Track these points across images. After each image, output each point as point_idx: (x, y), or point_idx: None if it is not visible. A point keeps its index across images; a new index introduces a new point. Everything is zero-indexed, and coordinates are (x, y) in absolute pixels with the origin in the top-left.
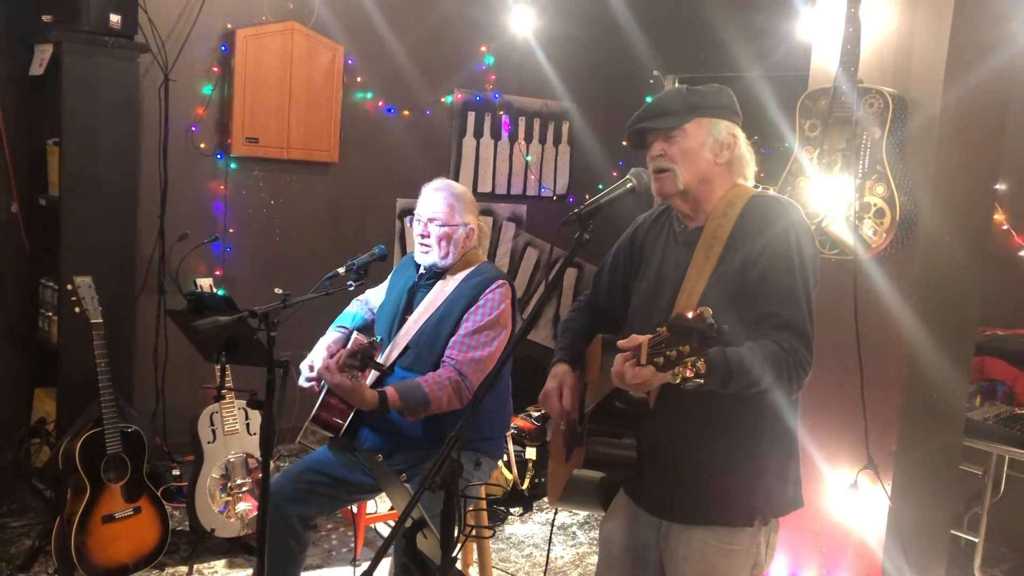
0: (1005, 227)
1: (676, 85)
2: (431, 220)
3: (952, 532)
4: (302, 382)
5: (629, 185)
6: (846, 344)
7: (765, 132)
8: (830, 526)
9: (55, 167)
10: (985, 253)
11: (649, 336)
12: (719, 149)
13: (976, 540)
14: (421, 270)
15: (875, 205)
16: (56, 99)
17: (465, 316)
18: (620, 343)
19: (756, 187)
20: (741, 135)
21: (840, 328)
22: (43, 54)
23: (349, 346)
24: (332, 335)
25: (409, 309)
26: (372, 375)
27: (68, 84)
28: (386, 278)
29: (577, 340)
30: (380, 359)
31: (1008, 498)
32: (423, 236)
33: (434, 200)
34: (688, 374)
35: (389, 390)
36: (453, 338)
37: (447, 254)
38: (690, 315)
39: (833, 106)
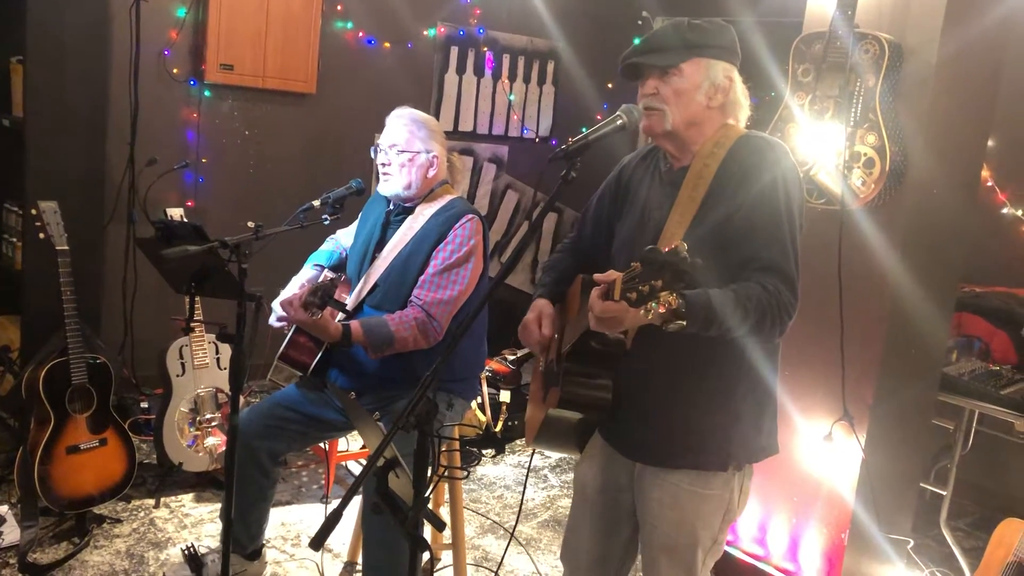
0: (989, 183)
1: (677, 19)
2: (391, 146)
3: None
4: (273, 321)
5: (619, 122)
6: (828, 295)
7: (754, 80)
8: (802, 476)
9: (19, 86)
10: (972, 208)
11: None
12: (713, 92)
13: (943, 493)
14: (390, 206)
15: (865, 154)
16: (20, 14)
17: (434, 253)
18: (596, 276)
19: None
20: (737, 78)
21: (822, 279)
22: None
23: (319, 281)
24: (307, 272)
25: (379, 246)
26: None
27: None
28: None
29: (560, 280)
30: (349, 298)
31: (975, 453)
32: (384, 165)
33: (394, 126)
34: (661, 310)
35: (354, 324)
36: (422, 277)
37: (409, 184)
38: (664, 249)
39: (828, 51)
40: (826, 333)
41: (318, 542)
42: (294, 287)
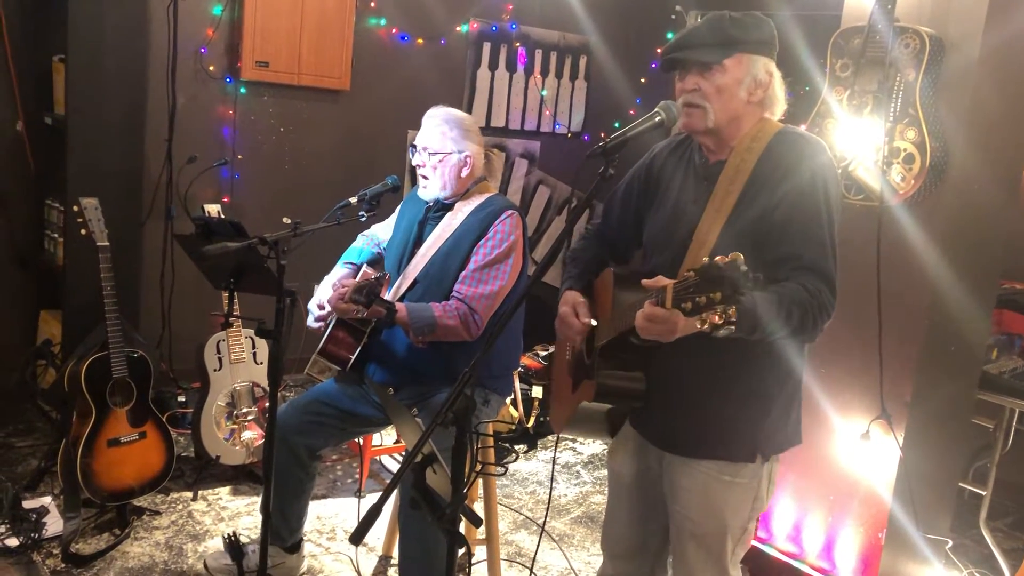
0: None
1: (717, 13)
2: (424, 148)
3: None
4: (311, 323)
5: (657, 119)
6: (866, 292)
7: (789, 74)
8: (839, 474)
9: (61, 85)
10: (1014, 204)
11: (675, 280)
12: (754, 87)
13: (982, 493)
14: (429, 203)
15: (905, 150)
16: (62, 14)
17: (475, 249)
18: (644, 282)
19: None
20: (777, 73)
21: (861, 275)
22: None
23: (358, 278)
24: (339, 271)
25: (418, 243)
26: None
27: None
28: (395, 211)
29: (587, 270)
30: (387, 294)
31: (1015, 452)
32: (420, 166)
33: (426, 127)
34: (717, 320)
35: (399, 304)
36: (463, 273)
37: (444, 185)
38: (722, 262)
39: (867, 45)
40: (864, 330)
41: (358, 536)
42: (327, 287)
